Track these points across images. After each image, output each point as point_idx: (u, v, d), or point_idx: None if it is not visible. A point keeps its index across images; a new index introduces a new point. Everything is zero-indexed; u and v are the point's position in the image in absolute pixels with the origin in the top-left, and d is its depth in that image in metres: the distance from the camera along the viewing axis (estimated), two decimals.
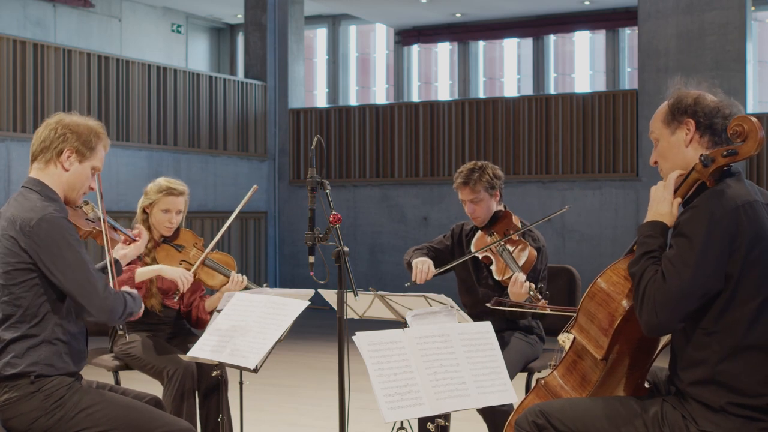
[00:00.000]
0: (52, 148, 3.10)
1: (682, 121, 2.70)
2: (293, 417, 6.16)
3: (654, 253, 2.63)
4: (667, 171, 2.75)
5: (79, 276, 2.95)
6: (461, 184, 4.40)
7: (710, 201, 2.56)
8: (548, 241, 12.50)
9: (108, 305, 2.98)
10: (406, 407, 2.71)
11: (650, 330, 2.58)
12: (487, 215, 4.41)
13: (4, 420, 2.99)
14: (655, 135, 2.77)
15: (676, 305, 2.52)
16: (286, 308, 3.43)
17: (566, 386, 2.88)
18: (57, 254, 2.93)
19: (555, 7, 14.87)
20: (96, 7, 14.60)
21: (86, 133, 3.15)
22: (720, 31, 10.71)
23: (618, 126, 11.46)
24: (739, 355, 2.55)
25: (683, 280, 2.51)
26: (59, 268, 2.93)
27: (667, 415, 2.63)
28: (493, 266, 4.31)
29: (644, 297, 2.57)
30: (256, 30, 13.36)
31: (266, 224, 13.16)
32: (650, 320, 2.55)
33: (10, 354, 2.96)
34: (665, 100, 2.78)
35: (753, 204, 2.57)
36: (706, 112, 2.67)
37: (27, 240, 2.93)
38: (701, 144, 2.68)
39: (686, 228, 2.57)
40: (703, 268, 2.51)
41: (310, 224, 3.20)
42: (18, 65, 9.71)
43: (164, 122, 11.50)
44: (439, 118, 12.44)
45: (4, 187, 9.54)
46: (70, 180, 3.12)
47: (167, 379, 4.03)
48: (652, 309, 2.54)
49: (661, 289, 2.54)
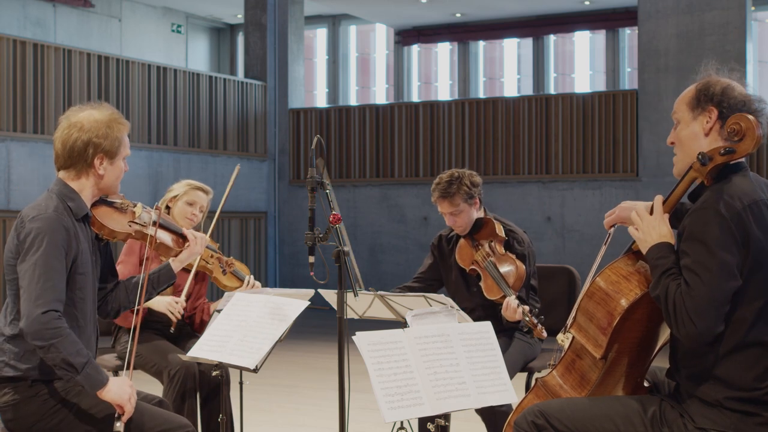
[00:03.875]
0: (82, 161, 3.02)
1: (705, 108, 2.65)
2: (293, 417, 6.17)
3: (671, 271, 2.58)
4: (681, 158, 2.71)
5: (31, 275, 2.81)
6: (440, 198, 4.31)
7: (717, 201, 2.54)
8: (548, 241, 12.42)
9: (33, 316, 2.75)
10: (406, 407, 2.71)
11: (693, 341, 2.53)
12: (468, 224, 4.36)
13: (6, 421, 2.99)
14: (678, 116, 2.73)
15: (709, 311, 2.48)
16: (286, 308, 3.43)
17: (565, 386, 2.89)
18: (28, 249, 2.86)
19: (555, 7, 14.87)
20: (96, 7, 14.60)
21: (107, 130, 3.03)
22: (720, 31, 10.71)
23: (618, 126, 11.46)
24: (740, 352, 2.55)
25: (710, 285, 2.48)
26: (21, 259, 2.87)
27: (666, 414, 2.63)
28: (482, 283, 4.24)
29: (675, 311, 2.52)
30: (256, 30, 13.36)
31: (266, 224, 13.16)
32: (690, 331, 2.50)
33: (9, 354, 2.95)
34: (694, 83, 2.71)
35: (759, 203, 2.56)
36: (732, 104, 2.63)
37: (18, 235, 2.94)
38: (721, 135, 2.63)
39: (698, 232, 2.53)
40: (724, 270, 2.48)
41: (310, 224, 3.20)
42: (18, 65, 9.71)
43: (164, 122, 11.50)
44: (439, 118, 12.44)
45: (4, 187, 9.54)
46: (108, 182, 3.08)
47: (168, 378, 4.04)
48: (687, 320, 2.49)
49: (689, 298, 2.50)
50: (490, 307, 4.25)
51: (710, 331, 2.50)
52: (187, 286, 4.33)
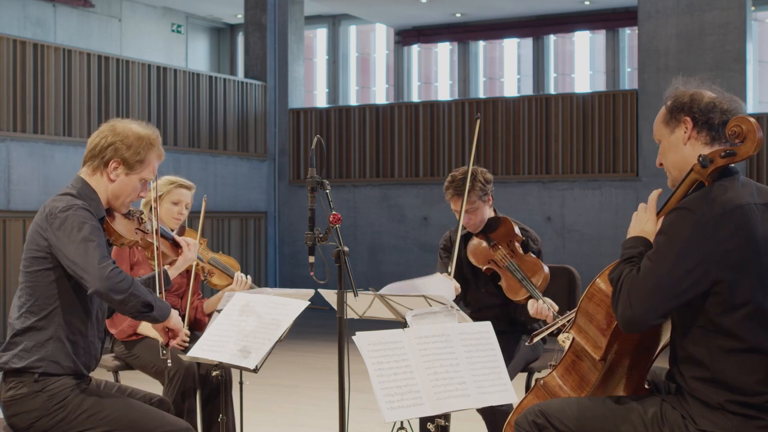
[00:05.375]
0: (99, 157, 3.09)
1: (679, 119, 2.70)
2: (293, 417, 6.17)
3: (633, 259, 2.64)
4: (670, 169, 2.75)
5: (80, 247, 2.89)
6: (455, 195, 4.27)
7: (698, 203, 2.56)
8: (548, 241, 12.44)
9: (104, 274, 2.85)
10: (406, 407, 2.71)
11: (626, 324, 2.57)
12: (482, 222, 4.35)
13: (7, 416, 3.02)
14: (658, 136, 2.78)
15: (650, 297, 2.51)
16: (286, 308, 3.43)
17: (565, 386, 2.88)
18: (67, 232, 2.92)
19: (555, 7, 14.87)
20: (96, 7, 14.60)
21: (136, 143, 3.09)
22: (720, 31, 10.71)
23: (618, 126, 11.46)
24: (740, 356, 2.55)
25: (658, 273, 2.51)
26: (63, 242, 2.92)
27: (667, 415, 2.63)
28: (503, 283, 4.19)
29: (620, 293, 2.57)
30: (256, 30, 13.36)
31: (266, 224, 13.16)
32: (624, 313, 2.55)
33: (20, 346, 2.99)
34: (663, 103, 2.79)
35: (743, 208, 2.55)
36: (702, 108, 2.67)
37: (48, 226, 2.96)
38: (699, 140, 2.67)
39: (669, 227, 2.57)
40: (681, 266, 2.50)
41: (310, 224, 3.20)
42: (18, 65, 9.71)
43: (164, 122, 11.50)
44: (439, 118, 12.44)
45: (4, 187, 9.54)
46: (115, 190, 3.12)
47: (168, 379, 4.03)
48: (626, 301, 2.54)
49: (636, 282, 2.54)
50: (497, 306, 4.25)
51: (646, 318, 2.53)
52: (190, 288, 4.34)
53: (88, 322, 3.08)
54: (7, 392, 3.00)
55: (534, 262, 4.21)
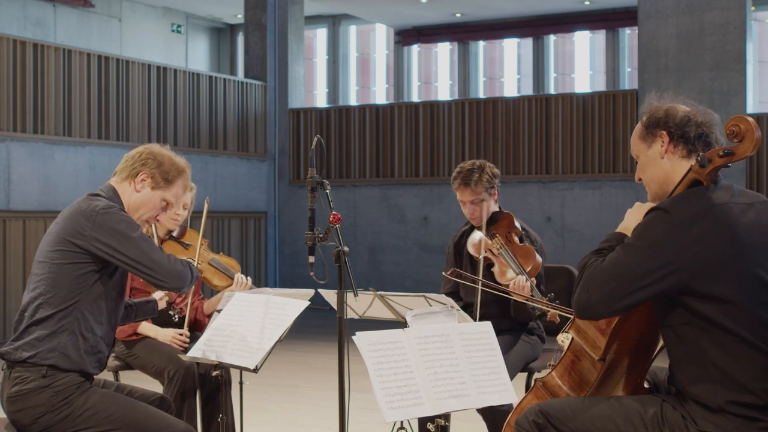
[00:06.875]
0: (130, 168, 3.24)
1: (656, 134, 2.76)
2: (293, 417, 6.17)
3: (603, 252, 2.69)
4: (649, 183, 2.80)
5: (145, 248, 3.06)
6: (462, 186, 4.33)
7: (674, 204, 2.59)
8: (548, 241, 12.44)
9: (176, 270, 3.11)
10: (406, 407, 2.71)
11: (579, 309, 2.61)
12: (486, 215, 4.39)
13: (11, 412, 3.03)
14: (635, 151, 2.84)
15: (607, 284, 2.55)
16: (286, 308, 3.44)
17: (564, 386, 2.89)
18: (123, 234, 3.04)
19: (555, 7, 14.87)
20: (96, 7, 14.60)
21: (168, 165, 3.25)
22: (720, 31, 10.71)
23: (618, 126, 11.46)
24: (737, 357, 2.54)
25: (622, 264, 2.55)
26: (124, 245, 3.03)
27: (667, 415, 2.63)
28: (495, 269, 4.25)
29: (582, 278, 2.62)
30: (256, 30, 13.36)
31: (266, 224, 13.16)
32: (580, 297, 2.60)
33: (33, 335, 3.02)
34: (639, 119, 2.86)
35: (721, 207, 2.57)
36: (677, 122, 2.72)
37: (91, 225, 3.03)
38: (676, 154, 2.72)
39: (644, 225, 2.61)
40: (648, 262, 2.52)
41: (310, 224, 3.21)
42: (18, 65, 9.71)
43: (164, 122, 11.51)
44: (439, 118, 12.44)
45: (4, 187, 9.54)
46: (137, 201, 3.23)
47: (168, 379, 4.04)
48: (584, 287, 2.59)
49: (597, 270, 2.59)
50: (499, 302, 4.26)
51: (600, 305, 2.56)
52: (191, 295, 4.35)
53: (101, 321, 3.12)
54: (12, 387, 3.02)
55: (527, 249, 4.26)
